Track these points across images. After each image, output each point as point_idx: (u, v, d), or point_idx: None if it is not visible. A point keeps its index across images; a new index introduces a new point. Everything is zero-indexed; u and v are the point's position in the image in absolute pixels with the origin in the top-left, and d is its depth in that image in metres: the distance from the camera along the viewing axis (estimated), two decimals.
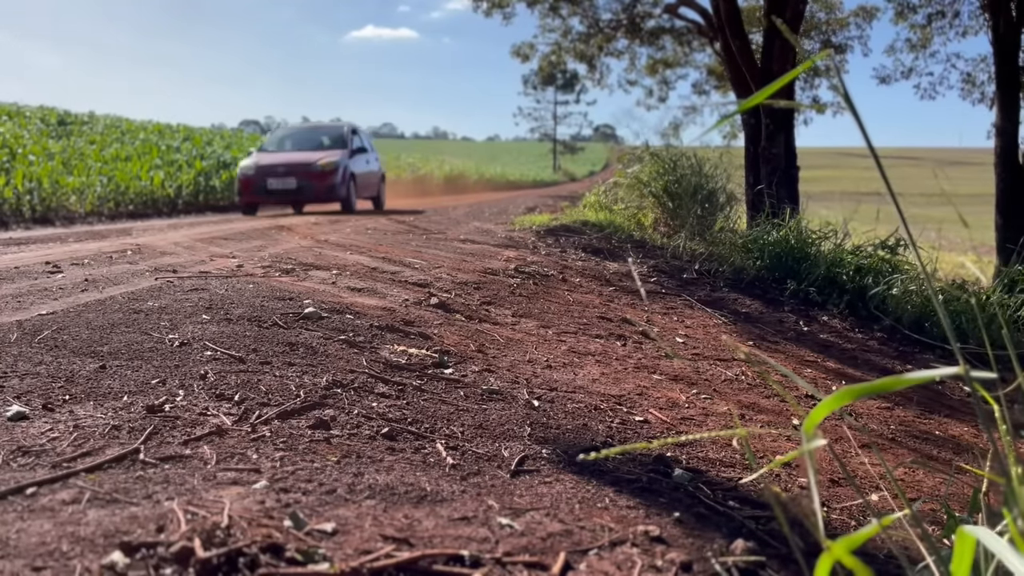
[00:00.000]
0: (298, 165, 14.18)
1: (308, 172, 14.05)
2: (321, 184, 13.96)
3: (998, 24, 11.40)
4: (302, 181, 13.92)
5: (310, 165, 14.14)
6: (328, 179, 14.01)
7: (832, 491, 2.78)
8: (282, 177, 14.01)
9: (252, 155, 15.00)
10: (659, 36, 18.04)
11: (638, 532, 2.05)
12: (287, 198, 14.31)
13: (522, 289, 6.01)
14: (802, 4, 11.35)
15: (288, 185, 13.89)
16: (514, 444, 2.64)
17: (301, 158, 14.50)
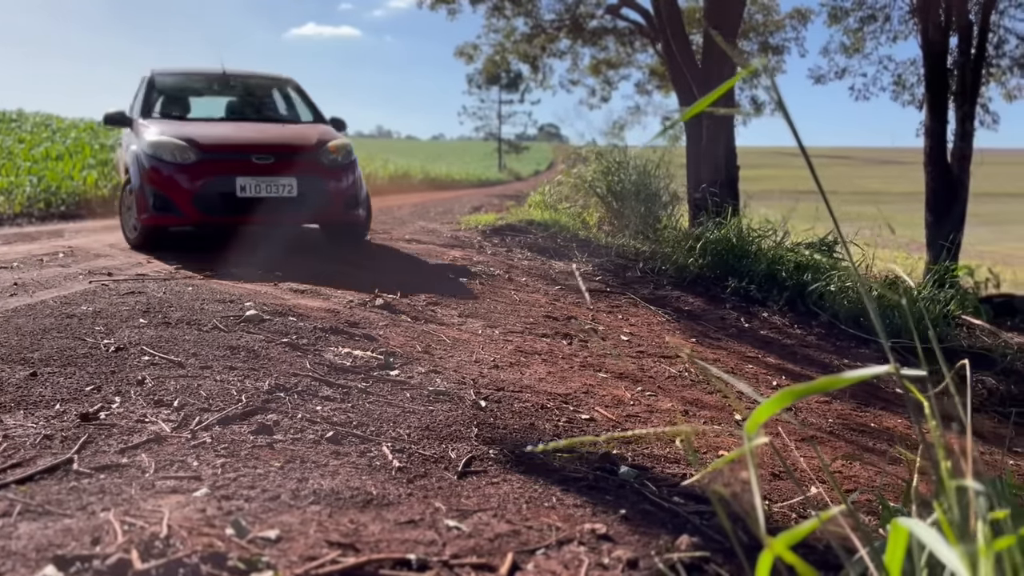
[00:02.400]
0: (288, 149, 6.77)
1: (311, 165, 6.71)
2: (336, 189, 6.79)
3: (927, 29, 11.79)
4: (304, 183, 6.56)
5: (311, 150, 6.79)
6: (344, 179, 6.87)
7: (773, 485, 2.84)
8: (265, 175, 6.46)
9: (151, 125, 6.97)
10: (602, 36, 18.20)
11: (585, 530, 2.06)
12: (274, 215, 6.51)
13: (468, 289, 5.99)
14: (740, 6, 11.57)
15: (280, 190, 6.46)
16: (461, 445, 2.63)
17: (283, 134, 7.25)
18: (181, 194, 6.35)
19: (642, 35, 16.88)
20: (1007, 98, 16.55)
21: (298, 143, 6.99)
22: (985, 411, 4.85)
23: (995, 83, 16.19)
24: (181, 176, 6.39)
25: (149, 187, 6.39)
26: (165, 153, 6.47)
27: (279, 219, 6.72)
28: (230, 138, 6.94)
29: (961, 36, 11.90)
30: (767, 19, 19.43)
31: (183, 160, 6.42)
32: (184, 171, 6.41)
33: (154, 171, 6.41)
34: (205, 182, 6.39)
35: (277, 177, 6.50)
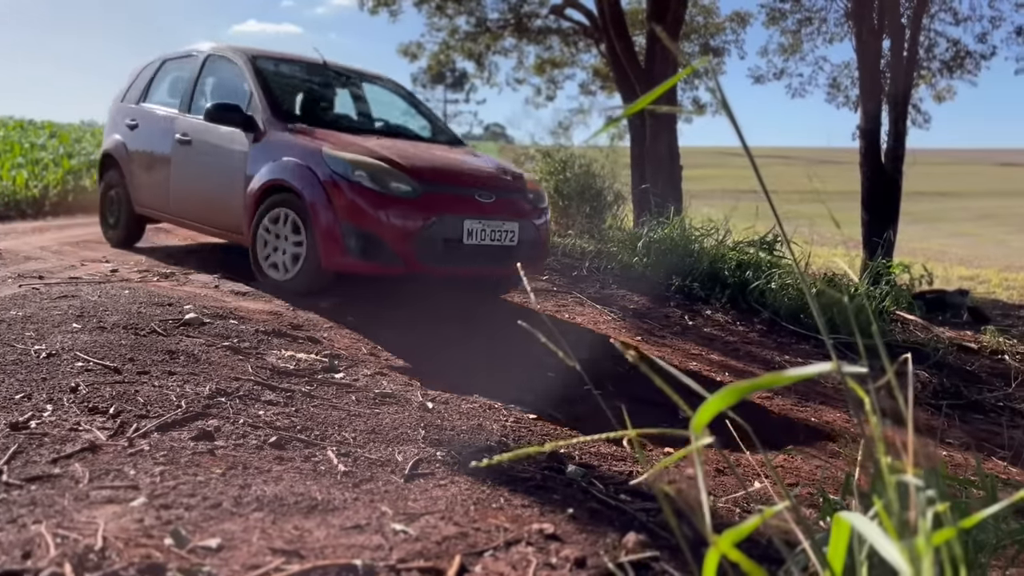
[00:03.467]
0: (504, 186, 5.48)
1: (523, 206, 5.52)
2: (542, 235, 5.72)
3: (861, 32, 12.11)
4: (522, 228, 5.38)
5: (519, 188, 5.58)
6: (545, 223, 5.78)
7: (718, 480, 2.88)
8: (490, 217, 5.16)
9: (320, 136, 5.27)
10: (546, 36, 18.26)
11: (533, 531, 2.06)
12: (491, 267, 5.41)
13: (412, 289, 5.95)
14: (682, 9, 11.72)
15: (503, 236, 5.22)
16: (408, 448, 2.61)
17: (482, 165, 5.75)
18: (398, 236, 4.72)
19: (586, 35, 16.99)
20: (937, 99, 17.11)
21: (507, 178, 5.50)
22: (918, 404, 4.99)
23: (926, 85, 16.73)
24: (398, 212, 4.75)
25: (348, 223, 4.69)
26: (374, 179, 4.74)
27: (495, 272, 5.47)
28: (445, 167, 5.23)
29: (894, 39, 12.25)
30: (708, 21, 19.73)
31: (400, 192, 4.79)
32: (403, 206, 4.76)
33: (359, 201, 4.70)
34: (429, 223, 4.79)
35: (501, 220, 5.12)
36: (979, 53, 15.93)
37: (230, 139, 5.50)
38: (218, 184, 5.59)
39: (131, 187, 6.50)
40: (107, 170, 6.93)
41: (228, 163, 5.48)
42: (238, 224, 5.37)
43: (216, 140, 5.64)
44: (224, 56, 6.19)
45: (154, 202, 6.31)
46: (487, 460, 0.85)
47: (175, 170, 5.98)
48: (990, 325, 7.17)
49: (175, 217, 6.14)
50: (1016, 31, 15.02)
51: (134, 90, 6.91)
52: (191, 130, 5.90)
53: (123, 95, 6.98)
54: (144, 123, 6.51)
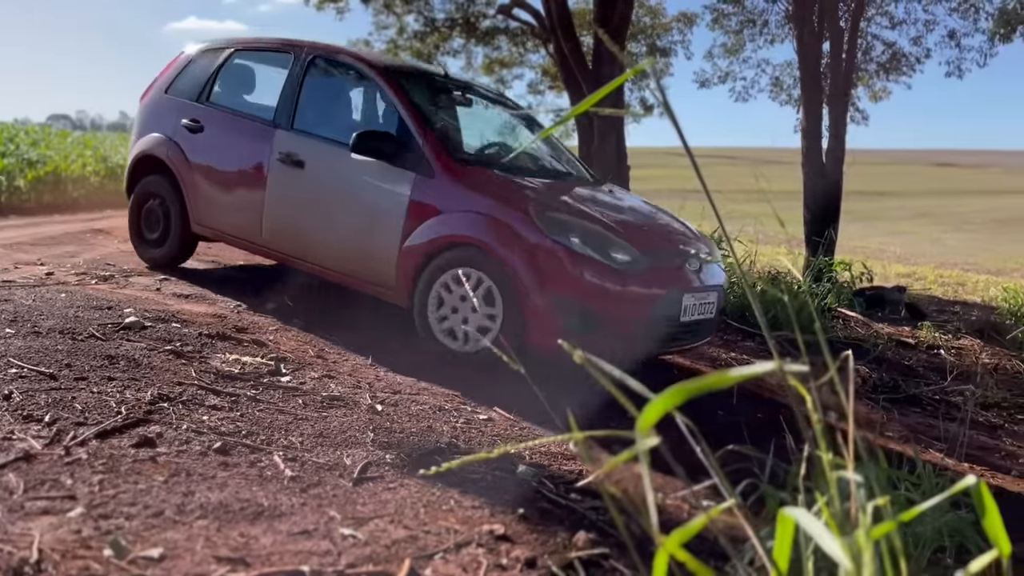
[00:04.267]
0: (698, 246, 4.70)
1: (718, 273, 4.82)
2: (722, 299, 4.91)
3: (802, 34, 12.36)
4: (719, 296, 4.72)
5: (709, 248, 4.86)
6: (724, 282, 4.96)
7: (666, 478, 2.91)
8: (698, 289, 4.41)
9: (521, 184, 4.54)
10: (494, 36, 18.26)
11: (483, 532, 2.06)
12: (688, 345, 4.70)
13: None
14: (628, 9, 11.83)
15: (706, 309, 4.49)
16: (357, 451, 2.58)
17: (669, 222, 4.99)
18: (625, 316, 4.01)
19: (534, 36, 17.04)
20: (873, 99, 17.57)
21: (693, 235, 4.81)
22: (859, 398, 5.12)
23: (864, 86, 17.17)
24: (627, 288, 4.00)
25: (568, 298, 3.94)
26: (595, 247, 3.99)
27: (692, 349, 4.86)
28: (651, 228, 4.60)
29: (833, 42, 12.54)
30: (655, 22, 19.95)
31: (624, 264, 4.02)
32: (631, 281, 4.02)
33: (581, 273, 3.93)
34: (658, 300, 4.10)
35: (706, 292, 4.44)
36: (913, 56, 16.41)
37: (381, 175, 4.44)
38: (355, 224, 4.56)
39: (191, 200, 5.27)
40: (145, 175, 5.60)
41: (376, 203, 4.46)
42: (382, 274, 4.42)
43: (354, 172, 4.56)
44: (341, 61, 5.15)
45: (230, 225, 5.15)
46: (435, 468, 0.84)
47: (274, 194, 4.87)
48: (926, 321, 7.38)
49: (267, 248, 5.03)
50: (948, 35, 15.50)
51: (188, 82, 5.59)
52: (304, 151, 4.78)
53: (168, 85, 5.65)
54: (215, 127, 5.29)
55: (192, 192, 5.28)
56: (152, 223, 5.59)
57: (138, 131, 5.76)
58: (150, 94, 5.77)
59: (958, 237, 27.16)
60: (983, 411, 4.76)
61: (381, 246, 4.40)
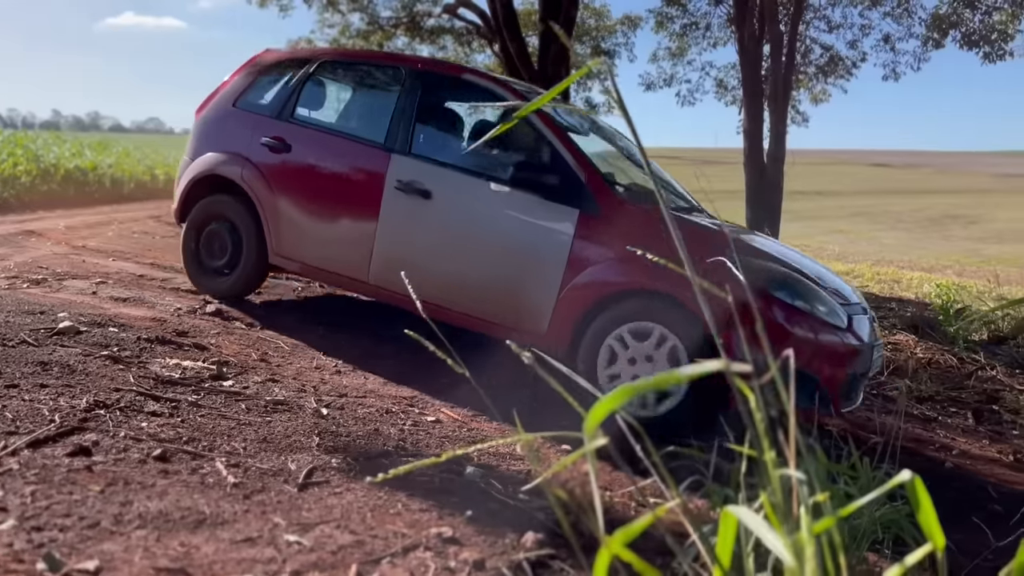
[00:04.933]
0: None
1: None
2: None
3: (743, 37, 12.60)
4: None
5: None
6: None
7: (613, 475, 2.93)
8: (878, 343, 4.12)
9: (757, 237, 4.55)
10: (440, 35, 18.21)
11: (431, 535, 2.04)
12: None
13: (308, 292, 5.82)
14: (574, 10, 11.90)
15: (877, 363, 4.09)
16: (302, 456, 2.54)
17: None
18: (835, 374, 3.60)
19: (480, 36, 17.03)
20: (813, 101, 18.01)
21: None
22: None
23: (804, 89, 17.58)
24: (836, 345, 3.63)
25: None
26: (804, 298, 3.64)
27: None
28: (828, 277, 4.15)
29: (773, 45, 12.80)
30: (599, 24, 20.11)
31: (829, 318, 3.66)
32: (837, 336, 3.64)
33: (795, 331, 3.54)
34: (858, 355, 3.70)
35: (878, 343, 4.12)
36: (850, 59, 16.85)
37: (535, 211, 4.02)
38: (498, 264, 4.08)
39: (272, 228, 4.71)
40: (206, 195, 5.01)
41: (529, 241, 4.02)
42: (530, 319, 3.97)
43: (499, 206, 4.12)
44: (467, 81, 4.60)
45: (324, 258, 4.58)
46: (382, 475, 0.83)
47: (389, 227, 4.32)
48: None
49: (374, 285, 4.43)
50: (884, 39, 15.95)
51: (264, 95, 5.03)
52: (432, 180, 4.27)
53: (236, 97, 5.05)
54: (306, 147, 4.72)
55: (273, 218, 4.69)
56: (215, 250, 4.96)
57: (197, 147, 5.10)
58: (212, 106, 5.13)
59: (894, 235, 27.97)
60: (918, 404, 4.91)
61: (533, 289, 3.93)
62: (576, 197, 3.94)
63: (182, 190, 5.08)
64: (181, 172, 5.16)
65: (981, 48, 13.77)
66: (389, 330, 5.02)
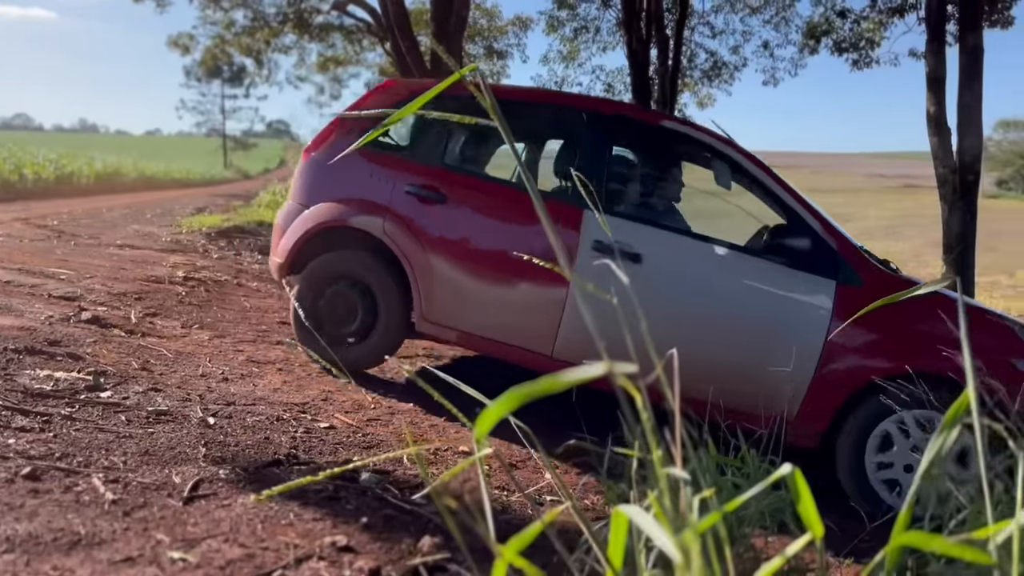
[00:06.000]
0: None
1: None
2: None
3: (631, 41, 12.92)
4: None
5: None
6: None
7: (512, 473, 2.94)
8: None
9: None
10: (329, 33, 17.87)
11: (325, 544, 1.99)
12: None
13: (192, 297, 5.60)
14: (465, 10, 11.90)
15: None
16: (187, 468, 2.43)
17: None
18: None
19: (370, 34, 16.82)
20: (699, 105, 18.66)
21: None
22: None
23: (690, 92, 18.19)
24: None
25: None
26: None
27: None
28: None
29: (660, 49, 13.18)
30: (491, 24, 20.21)
31: None
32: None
33: None
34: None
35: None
36: (733, 64, 17.55)
37: (779, 281, 3.63)
38: (728, 340, 3.65)
39: (422, 291, 4.02)
40: (326, 250, 4.23)
41: (772, 315, 3.63)
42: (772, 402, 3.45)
43: (730, 275, 3.72)
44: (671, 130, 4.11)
45: (494, 327, 3.94)
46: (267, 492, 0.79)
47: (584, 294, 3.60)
48: None
49: (563, 361, 3.81)
50: (763, 45, 16.68)
51: (400, 134, 4.40)
52: (641, 242, 3.77)
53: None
54: (466, 199, 4.09)
55: (424, 279, 3.99)
56: (340, 313, 4.17)
57: (311, 192, 4.31)
58: (331, 144, 4.30)
59: None
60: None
61: (775, 368, 3.50)
62: (830, 266, 3.60)
63: (295, 242, 4.21)
64: (286, 220, 4.35)
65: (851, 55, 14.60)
66: (292, 332, 4.89)
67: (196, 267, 6.86)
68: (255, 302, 5.83)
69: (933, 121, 9.62)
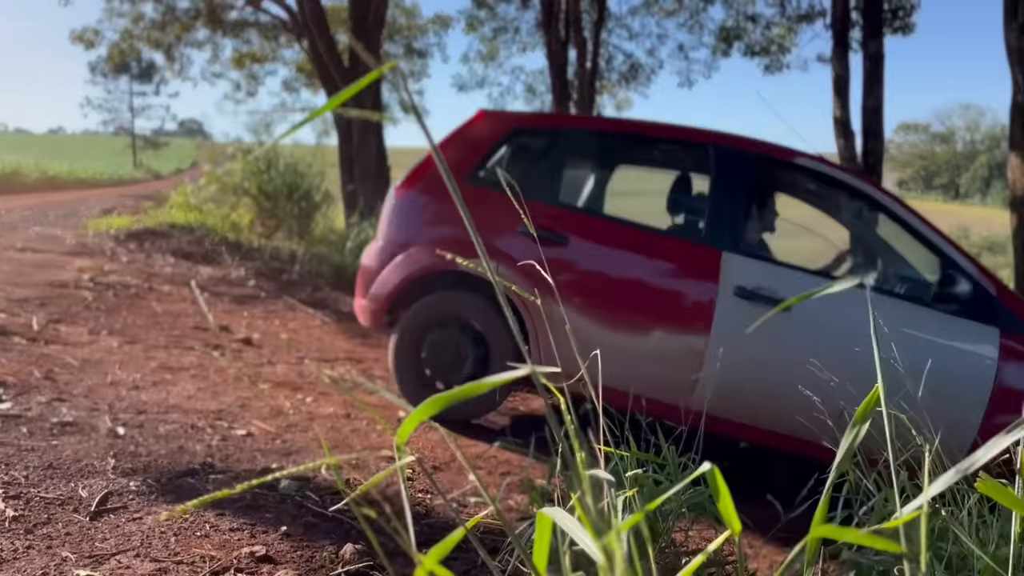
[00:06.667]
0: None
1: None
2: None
3: (551, 42, 13.01)
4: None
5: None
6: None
7: (436, 476, 2.92)
8: None
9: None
10: (243, 29, 17.42)
11: (243, 555, 1.93)
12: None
13: (100, 302, 5.37)
14: (384, 8, 11.77)
15: None
16: (95, 481, 2.32)
17: None
18: None
19: (287, 31, 16.48)
20: (617, 107, 18.95)
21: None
22: None
23: (608, 94, 18.45)
24: None
25: None
26: None
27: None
28: None
29: (579, 51, 13.33)
30: (411, 23, 20.07)
31: None
32: None
33: None
34: None
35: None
36: (649, 67, 17.88)
37: (940, 329, 3.42)
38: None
39: (541, 338, 3.78)
40: (432, 291, 3.92)
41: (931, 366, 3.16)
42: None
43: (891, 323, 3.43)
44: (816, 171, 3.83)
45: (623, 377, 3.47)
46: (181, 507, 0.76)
47: (726, 343, 3.48)
48: None
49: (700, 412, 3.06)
50: (678, 48, 17.05)
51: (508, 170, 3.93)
52: (789, 288, 3.55)
53: (472, 170, 3.93)
54: (590, 241, 3.81)
55: (542, 326, 3.70)
56: (446, 361, 3.87)
57: (411, 231, 3.99)
58: (428, 180, 4.00)
59: None
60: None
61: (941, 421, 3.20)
62: (990, 313, 3.43)
63: (395, 285, 3.90)
64: (379, 262, 4.02)
65: (763, 59, 15.06)
66: (205, 338, 4.74)
67: (104, 271, 6.59)
68: (167, 307, 5.64)
69: (840, 124, 10.01)
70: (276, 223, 9.98)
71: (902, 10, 12.68)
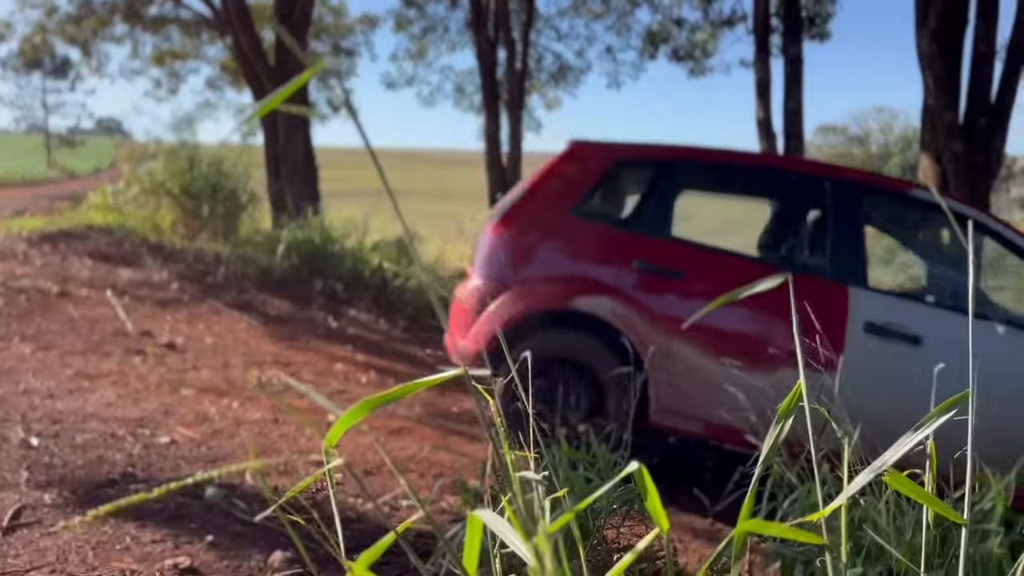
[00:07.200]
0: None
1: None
2: None
3: (480, 41, 13.01)
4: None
5: None
6: None
7: (366, 481, 2.88)
8: None
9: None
10: (164, 25, 16.91)
11: (166, 567, 1.88)
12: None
13: (11, 307, 5.14)
14: (310, 6, 11.57)
15: None
16: (7, 494, 2.22)
17: None
18: None
19: (209, 27, 16.06)
20: (547, 107, 19.09)
21: None
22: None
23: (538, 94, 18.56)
24: None
25: None
26: None
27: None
28: None
29: (508, 51, 13.36)
30: (338, 21, 19.81)
31: None
32: None
33: None
34: None
35: None
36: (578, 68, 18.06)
37: None
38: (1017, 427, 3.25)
39: (660, 378, 3.59)
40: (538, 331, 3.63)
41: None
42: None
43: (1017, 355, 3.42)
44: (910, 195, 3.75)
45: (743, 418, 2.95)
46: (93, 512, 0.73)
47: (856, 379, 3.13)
48: None
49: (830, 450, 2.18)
50: (607, 49, 17.26)
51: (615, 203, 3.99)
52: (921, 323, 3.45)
53: (573, 203, 3.79)
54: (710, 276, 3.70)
55: (662, 370, 3.55)
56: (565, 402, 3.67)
57: (513, 269, 3.78)
58: (530, 213, 3.83)
59: None
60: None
61: None
62: None
63: (501, 326, 3.67)
64: (478, 300, 3.81)
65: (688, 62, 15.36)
66: (126, 343, 4.58)
67: (15, 275, 6.31)
68: (84, 311, 5.43)
69: (762, 126, 10.28)
70: (200, 224, 9.71)
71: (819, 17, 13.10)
